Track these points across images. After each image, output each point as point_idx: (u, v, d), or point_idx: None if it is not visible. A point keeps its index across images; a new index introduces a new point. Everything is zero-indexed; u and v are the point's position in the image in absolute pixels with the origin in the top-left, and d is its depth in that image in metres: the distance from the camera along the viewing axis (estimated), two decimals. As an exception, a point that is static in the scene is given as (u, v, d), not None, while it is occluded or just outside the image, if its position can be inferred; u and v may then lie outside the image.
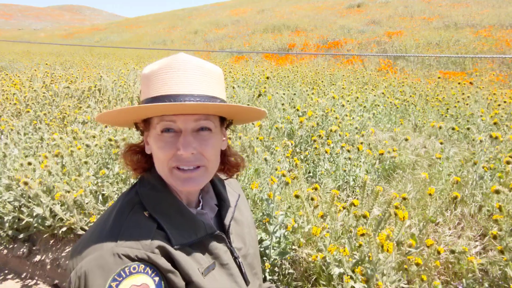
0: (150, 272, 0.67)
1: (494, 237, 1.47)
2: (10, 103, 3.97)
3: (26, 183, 1.83)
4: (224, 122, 0.87)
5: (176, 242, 0.73)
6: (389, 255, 1.21)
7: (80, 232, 2.15)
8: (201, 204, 0.90)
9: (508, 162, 1.87)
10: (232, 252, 0.87)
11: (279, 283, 1.81)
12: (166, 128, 0.75)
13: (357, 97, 4.45)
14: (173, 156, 0.75)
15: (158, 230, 0.74)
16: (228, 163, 0.94)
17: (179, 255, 0.72)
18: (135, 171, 0.85)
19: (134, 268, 0.66)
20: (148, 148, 0.83)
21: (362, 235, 1.26)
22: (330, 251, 1.34)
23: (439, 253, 1.36)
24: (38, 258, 2.50)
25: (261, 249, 1.79)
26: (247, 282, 0.89)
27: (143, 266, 0.67)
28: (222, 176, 1.00)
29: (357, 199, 1.76)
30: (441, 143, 2.53)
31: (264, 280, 1.78)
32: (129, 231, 0.71)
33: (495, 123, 2.82)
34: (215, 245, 0.82)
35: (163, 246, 0.70)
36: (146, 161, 0.85)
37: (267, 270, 1.75)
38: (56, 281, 2.39)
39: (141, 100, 0.78)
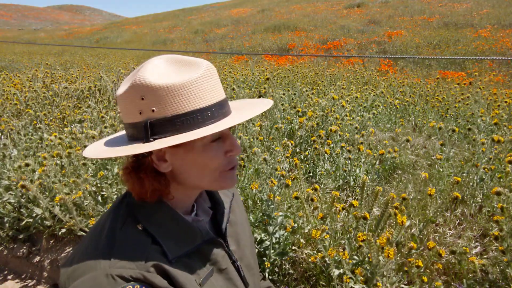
0: None
1: (496, 238, 1.47)
2: (10, 103, 3.97)
3: (24, 186, 1.82)
4: None
5: (172, 255, 0.71)
6: (389, 259, 1.21)
7: (80, 233, 2.15)
8: (195, 208, 0.87)
9: (510, 162, 1.87)
10: (230, 256, 0.86)
11: (279, 284, 1.81)
12: (218, 136, 0.74)
13: (357, 97, 4.45)
14: (223, 161, 0.75)
15: (153, 245, 0.71)
16: None
17: (175, 270, 0.70)
18: (167, 195, 0.76)
19: None
20: (167, 165, 0.73)
21: (363, 240, 1.25)
22: (330, 255, 1.34)
23: (440, 255, 1.36)
24: (38, 258, 2.49)
25: (261, 250, 1.78)
26: (246, 284, 0.88)
27: (138, 286, 0.64)
28: None
29: (357, 199, 1.76)
30: (442, 145, 2.53)
31: (264, 278, 1.78)
32: (122, 249, 0.68)
33: (495, 124, 2.81)
34: (212, 251, 0.81)
35: (158, 264, 0.68)
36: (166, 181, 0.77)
37: (267, 270, 1.75)
38: (57, 282, 2.39)
39: (178, 114, 0.68)
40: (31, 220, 2.32)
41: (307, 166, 2.77)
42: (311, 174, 2.74)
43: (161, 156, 0.73)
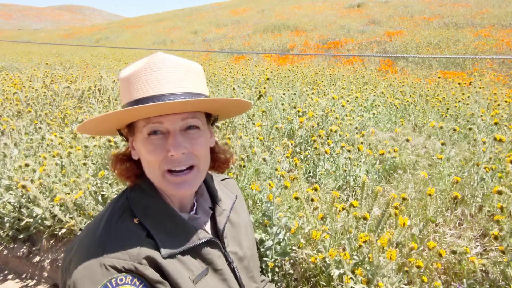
0: (137, 283, 0.66)
1: (495, 238, 1.47)
2: (10, 103, 3.97)
3: (24, 186, 1.82)
4: (210, 118, 0.86)
5: (165, 251, 0.72)
6: (390, 261, 1.21)
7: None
8: (195, 208, 0.87)
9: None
10: (226, 257, 0.86)
11: (279, 284, 1.81)
12: (153, 130, 0.73)
13: (357, 97, 4.44)
14: (164, 159, 0.73)
15: (147, 238, 0.72)
16: (218, 159, 0.92)
17: (168, 264, 0.71)
18: (128, 179, 0.82)
19: (121, 280, 0.65)
20: (135, 153, 0.80)
21: (365, 241, 1.25)
22: (331, 256, 1.33)
23: (440, 255, 1.36)
24: (38, 258, 2.49)
25: (262, 250, 1.78)
26: (241, 286, 0.88)
27: (130, 277, 0.66)
28: (214, 174, 0.98)
29: (357, 199, 1.76)
30: (443, 144, 2.53)
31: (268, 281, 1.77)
32: (117, 240, 0.69)
33: (496, 124, 2.81)
34: (208, 251, 0.81)
35: (151, 257, 0.69)
36: (137, 167, 0.82)
37: (269, 270, 1.75)
38: (57, 282, 2.39)
39: (123, 105, 0.75)
40: (31, 220, 2.32)
41: (307, 166, 2.77)
42: (311, 174, 2.74)
43: (131, 143, 0.81)
